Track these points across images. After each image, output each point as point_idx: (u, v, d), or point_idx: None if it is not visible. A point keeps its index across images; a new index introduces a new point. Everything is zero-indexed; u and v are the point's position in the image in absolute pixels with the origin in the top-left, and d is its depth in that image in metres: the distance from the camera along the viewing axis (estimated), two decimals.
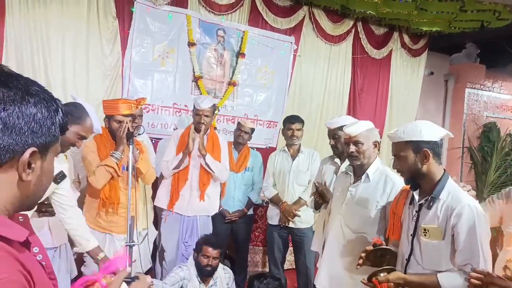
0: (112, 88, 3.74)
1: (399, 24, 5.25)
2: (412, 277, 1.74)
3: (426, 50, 5.80)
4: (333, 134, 2.86)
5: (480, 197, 6.84)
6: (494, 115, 7.27)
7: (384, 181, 2.23)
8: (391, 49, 5.46)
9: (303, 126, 3.57)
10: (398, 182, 2.16)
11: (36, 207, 1.74)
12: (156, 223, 3.37)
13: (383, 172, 2.26)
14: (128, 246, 2.39)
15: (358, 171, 2.30)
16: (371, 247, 1.88)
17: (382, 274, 1.74)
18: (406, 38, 5.53)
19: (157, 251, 3.34)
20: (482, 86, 7.17)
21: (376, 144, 2.28)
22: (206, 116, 3.08)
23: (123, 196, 2.67)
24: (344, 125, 2.77)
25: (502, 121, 7.17)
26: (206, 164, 3.11)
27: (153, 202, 3.28)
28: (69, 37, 3.54)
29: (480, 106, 7.19)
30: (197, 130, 3.09)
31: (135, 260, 2.54)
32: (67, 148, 2.09)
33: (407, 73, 5.68)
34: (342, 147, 2.82)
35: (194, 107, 3.16)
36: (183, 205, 3.10)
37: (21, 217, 0.84)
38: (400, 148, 1.78)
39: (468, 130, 6.93)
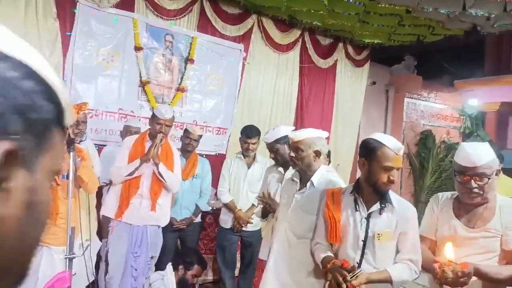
0: None
1: (344, 36, 5.48)
2: (372, 275, 1.86)
3: (369, 61, 6.08)
4: (271, 147, 2.91)
5: (418, 200, 7.29)
6: (430, 123, 7.77)
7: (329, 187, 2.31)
8: (336, 59, 5.67)
9: (259, 138, 3.59)
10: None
11: None
12: (100, 233, 3.23)
13: (328, 179, 2.33)
14: (67, 259, 2.27)
15: (304, 178, 2.35)
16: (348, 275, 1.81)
17: (349, 278, 1.77)
18: (350, 49, 5.77)
19: (100, 263, 3.20)
20: (419, 96, 7.65)
21: (317, 153, 2.30)
22: (167, 126, 3.04)
23: (63, 206, 2.53)
24: (280, 137, 2.86)
25: (437, 129, 7.69)
26: (159, 173, 3.05)
27: (100, 211, 3.14)
28: None
29: (417, 115, 7.66)
30: (152, 138, 3.03)
31: (75, 273, 2.41)
32: None
33: (351, 82, 5.92)
34: (282, 158, 2.89)
35: (154, 115, 3.09)
36: (133, 214, 3.00)
37: None
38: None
39: (407, 137, 7.35)
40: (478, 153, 1.84)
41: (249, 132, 3.58)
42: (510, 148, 7.67)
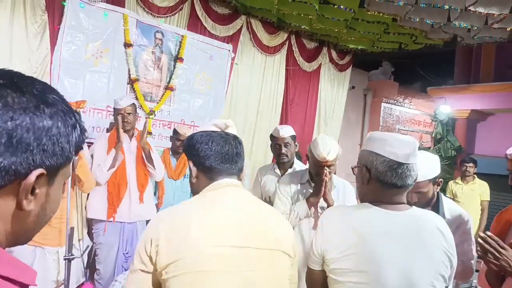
0: None
1: (329, 40, 5.58)
2: None
3: (351, 66, 6.23)
4: (285, 142, 2.89)
5: None
6: (405, 127, 8.04)
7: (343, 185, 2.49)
8: (320, 63, 5.77)
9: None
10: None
11: None
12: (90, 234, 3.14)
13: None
14: (67, 260, 2.21)
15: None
16: None
17: None
18: (334, 54, 5.89)
19: (87, 264, 3.12)
20: (395, 101, 7.90)
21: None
22: (128, 114, 3.01)
23: None
24: (294, 135, 2.91)
25: (411, 134, 7.96)
26: (150, 160, 3.05)
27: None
28: None
29: (393, 119, 7.92)
30: (125, 130, 3.01)
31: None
32: None
33: (334, 86, 6.04)
34: (291, 155, 2.93)
35: (114, 108, 3.08)
36: (124, 212, 2.95)
37: None
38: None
39: None
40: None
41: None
42: (478, 153, 8.05)
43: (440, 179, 1.95)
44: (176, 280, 1.12)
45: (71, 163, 1.87)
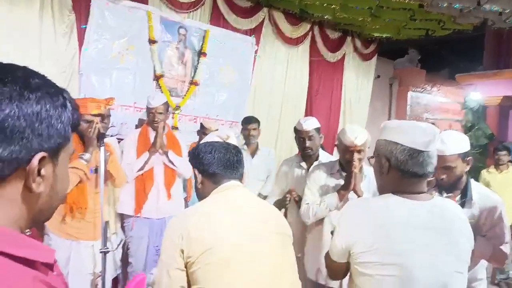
0: (67, 85, 3.50)
1: (353, 29, 5.48)
2: None
3: (376, 55, 6.10)
4: (309, 135, 2.81)
5: None
6: (433, 116, 7.84)
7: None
8: (344, 53, 5.68)
9: (259, 126, 3.76)
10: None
11: None
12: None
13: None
14: (103, 253, 2.27)
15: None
16: None
17: None
18: (358, 43, 5.79)
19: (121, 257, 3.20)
20: (422, 90, 7.70)
21: None
22: (160, 113, 3.03)
23: (91, 201, 2.53)
24: (318, 127, 2.87)
25: (440, 122, 7.76)
26: (170, 161, 3.06)
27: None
28: (19, 30, 3.26)
29: (421, 108, 7.73)
30: (154, 128, 3.04)
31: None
32: None
33: (358, 76, 5.94)
34: (315, 148, 2.89)
35: (146, 106, 3.11)
36: (152, 208, 2.99)
37: (28, 230, 0.70)
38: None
39: None
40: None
41: (248, 119, 3.76)
42: (511, 140, 7.77)
43: (470, 157, 1.94)
44: (207, 269, 1.22)
45: (103, 157, 1.91)
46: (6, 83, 0.59)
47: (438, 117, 7.95)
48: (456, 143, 1.88)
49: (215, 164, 1.40)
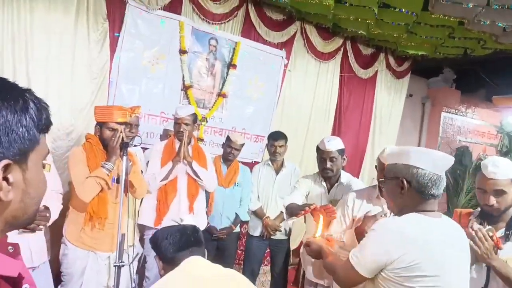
0: (98, 92, 3.52)
1: (386, 46, 5.33)
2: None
3: (409, 73, 5.91)
4: (331, 156, 2.74)
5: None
6: (466, 139, 7.51)
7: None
8: (377, 70, 5.53)
9: (286, 142, 3.66)
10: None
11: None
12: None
13: None
14: (116, 267, 2.20)
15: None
16: None
17: None
18: (391, 60, 5.62)
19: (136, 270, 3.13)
20: (456, 111, 7.41)
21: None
22: (186, 124, 2.98)
23: (111, 211, 2.47)
24: (342, 148, 2.75)
25: (474, 146, 7.42)
26: (194, 171, 2.99)
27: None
28: (54, 36, 3.30)
29: (454, 130, 7.42)
30: (179, 139, 2.99)
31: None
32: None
33: (390, 94, 5.76)
34: (337, 169, 2.77)
35: (174, 116, 3.08)
36: (172, 221, 2.91)
37: (10, 247, 0.68)
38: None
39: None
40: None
41: (275, 135, 3.64)
42: None
43: None
44: None
45: (125, 167, 1.85)
46: None
47: (472, 140, 7.62)
48: (509, 167, 1.84)
49: (171, 249, 1.46)
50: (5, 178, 0.61)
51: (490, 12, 3.52)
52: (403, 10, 3.92)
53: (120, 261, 2.21)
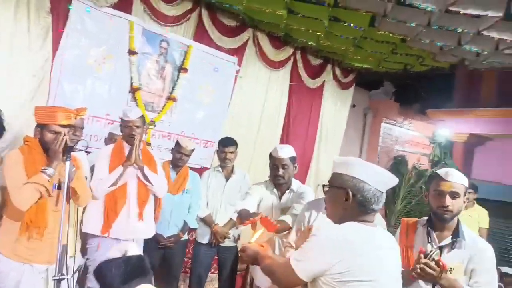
0: (37, 90, 3.27)
1: (334, 58, 5.53)
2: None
3: (354, 85, 6.17)
4: (282, 163, 2.80)
5: (388, 224, 7.42)
6: (403, 149, 7.98)
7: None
8: (324, 80, 5.70)
9: (236, 149, 3.66)
10: None
11: None
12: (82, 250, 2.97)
13: None
14: (56, 281, 2.04)
15: None
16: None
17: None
18: (338, 71, 5.84)
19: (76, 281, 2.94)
20: (395, 122, 7.85)
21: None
22: (137, 127, 2.90)
23: (51, 219, 2.30)
24: (294, 156, 2.81)
25: (410, 155, 7.90)
26: (145, 176, 2.89)
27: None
28: None
29: (392, 140, 7.85)
30: (129, 143, 2.88)
31: None
32: None
33: (336, 104, 5.97)
34: (289, 177, 2.82)
35: (121, 119, 2.97)
36: (121, 228, 2.79)
37: None
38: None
39: (381, 161, 7.48)
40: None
41: (226, 141, 3.62)
42: (474, 178, 8.02)
43: (467, 197, 2.05)
44: None
45: (68, 172, 1.77)
46: None
47: (408, 150, 8.10)
48: (462, 176, 2.01)
49: (117, 281, 1.43)
50: None
51: (431, 32, 3.77)
52: (351, 24, 4.08)
53: (59, 274, 2.05)
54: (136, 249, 1.53)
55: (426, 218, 2.11)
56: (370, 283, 1.43)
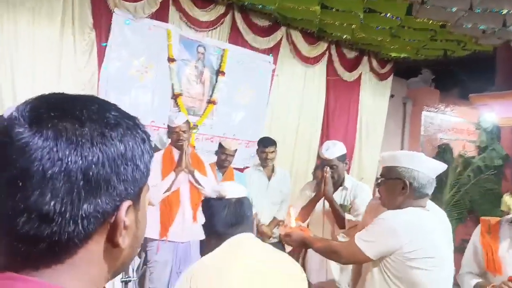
0: None
1: (370, 49, 5.43)
2: None
3: (392, 75, 6.04)
4: (331, 164, 2.62)
5: None
6: (447, 137, 7.72)
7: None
8: (361, 72, 5.61)
9: (276, 148, 3.68)
10: None
11: None
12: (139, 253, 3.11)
13: None
14: (123, 282, 2.16)
15: None
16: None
17: None
18: (375, 63, 5.73)
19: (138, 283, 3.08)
20: (436, 110, 7.60)
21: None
22: (184, 132, 2.99)
23: None
24: (342, 154, 2.68)
25: (454, 143, 7.63)
26: (196, 180, 2.98)
27: None
28: (40, 47, 3.22)
29: (435, 128, 7.61)
30: (178, 148, 2.96)
31: None
32: None
33: (375, 95, 5.86)
34: (339, 177, 2.69)
35: (168, 126, 3.06)
36: (177, 231, 2.90)
37: None
38: None
39: (425, 150, 7.26)
40: None
41: (266, 142, 3.65)
42: None
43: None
44: None
45: None
46: (84, 122, 0.48)
47: (452, 138, 7.83)
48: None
49: (219, 224, 1.41)
50: (123, 222, 0.52)
51: (473, 16, 3.63)
52: (388, 14, 4.00)
53: (127, 276, 2.16)
54: (235, 193, 1.52)
55: (510, 216, 2.03)
56: (433, 259, 1.62)
